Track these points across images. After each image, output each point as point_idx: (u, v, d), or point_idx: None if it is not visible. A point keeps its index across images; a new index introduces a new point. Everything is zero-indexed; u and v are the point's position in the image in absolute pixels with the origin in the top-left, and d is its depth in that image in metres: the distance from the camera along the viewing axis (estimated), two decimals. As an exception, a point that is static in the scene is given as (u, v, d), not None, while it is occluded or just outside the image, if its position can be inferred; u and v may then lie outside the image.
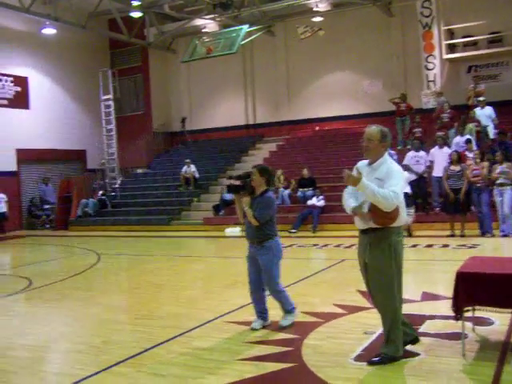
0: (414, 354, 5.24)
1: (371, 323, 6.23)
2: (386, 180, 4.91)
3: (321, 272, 9.88)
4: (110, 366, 5.45)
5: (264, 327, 6.43)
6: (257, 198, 6.32)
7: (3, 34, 21.77)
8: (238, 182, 6.54)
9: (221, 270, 11.37)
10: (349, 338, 5.91)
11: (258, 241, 6.28)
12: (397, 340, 5.07)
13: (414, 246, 12.54)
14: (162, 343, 6.10)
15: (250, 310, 7.33)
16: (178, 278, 10.52)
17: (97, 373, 5.30)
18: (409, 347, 5.31)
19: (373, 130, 5.10)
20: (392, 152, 15.95)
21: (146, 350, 5.88)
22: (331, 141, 21.53)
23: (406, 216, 5.19)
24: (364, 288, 8.26)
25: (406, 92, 20.01)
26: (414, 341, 5.35)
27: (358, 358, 5.24)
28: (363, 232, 5.18)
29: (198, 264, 12.59)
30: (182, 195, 21.25)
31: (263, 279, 6.36)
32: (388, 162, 5.07)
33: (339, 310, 7.02)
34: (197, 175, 21.41)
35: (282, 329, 6.33)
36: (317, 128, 23.21)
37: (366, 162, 5.24)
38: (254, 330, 6.37)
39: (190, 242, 16.72)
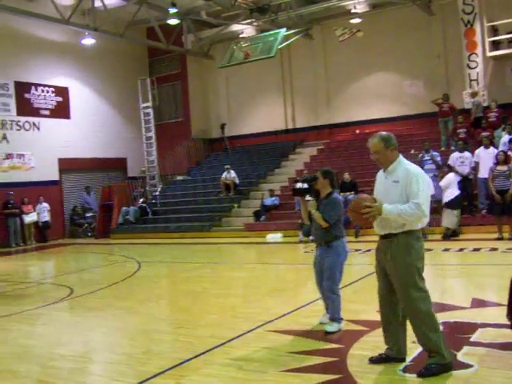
0: (466, 366, 4.95)
1: (419, 332, 5.96)
2: (404, 184, 4.78)
3: (364, 278, 9.58)
4: (149, 378, 5.30)
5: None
6: (322, 200, 6.46)
7: (44, 45, 22.08)
8: (304, 185, 6.60)
9: (261, 277, 11.19)
10: (396, 347, 5.64)
11: (326, 242, 6.38)
12: (437, 348, 4.80)
13: (461, 249, 12.15)
14: (201, 354, 5.93)
15: (292, 319, 7.16)
16: (218, 285, 10.36)
17: (136, 385, 5.17)
18: (461, 358, 5.03)
19: (374, 141, 4.96)
20: (435, 153, 15.59)
21: (185, 361, 5.72)
22: (372, 144, 21.13)
23: (426, 219, 4.90)
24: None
25: (448, 92, 19.54)
26: (401, 360, 5.12)
27: (407, 370, 4.97)
28: (383, 237, 5.00)
29: (239, 271, 12.42)
30: (223, 201, 21.15)
31: (325, 279, 6.40)
32: (403, 163, 4.93)
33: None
34: (237, 181, 21.29)
35: (326, 334, 6.23)
36: (357, 131, 22.86)
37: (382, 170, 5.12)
38: (322, 324, 6.46)
39: (231, 249, 16.59)
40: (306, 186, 6.60)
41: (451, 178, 13.91)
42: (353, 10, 20.46)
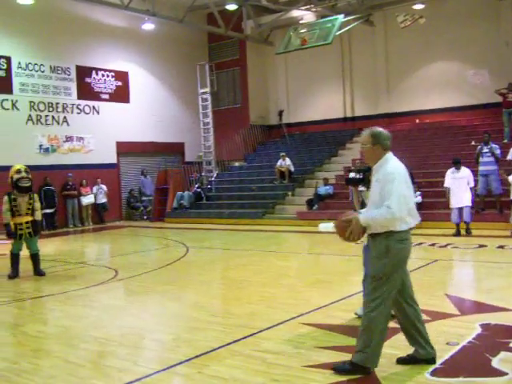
0: (500, 373, 4.67)
1: (456, 333, 5.72)
2: (382, 183, 4.68)
3: (410, 272, 9.28)
4: (173, 366, 5.27)
5: None
6: None
7: (104, 30, 22.41)
8: (358, 175, 6.56)
9: (308, 268, 11.04)
10: (430, 348, 5.40)
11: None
12: (367, 349, 4.69)
13: (501, 247, 11.68)
14: (230, 343, 5.86)
15: (328, 311, 7.01)
16: (262, 274, 10.25)
17: (157, 372, 5.13)
18: (496, 365, 4.76)
19: (363, 135, 4.92)
20: (495, 145, 14.99)
21: (212, 350, 5.65)
22: (432, 134, 20.57)
23: (412, 219, 4.76)
24: (452, 292, 7.77)
25: (514, 82, 18.75)
26: (429, 361, 4.91)
27: (436, 373, 4.74)
28: (370, 236, 4.92)
29: (287, 260, 12.30)
30: (277, 189, 21.03)
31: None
32: (389, 162, 4.78)
33: (423, 316, 6.48)
34: (292, 169, 21.12)
35: (359, 317, 6.12)
36: (417, 121, 22.27)
37: None
38: (359, 317, 6.25)
39: (282, 237, 16.47)
40: (360, 175, 6.53)
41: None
42: (416, -4, 19.84)
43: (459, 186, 13.39)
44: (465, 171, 13.51)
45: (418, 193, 16.01)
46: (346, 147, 22.67)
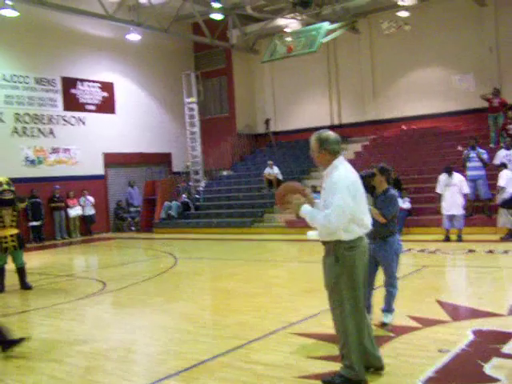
0: (493, 380, 4.62)
1: (448, 340, 5.67)
2: (327, 193, 4.59)
3: (399, 279, 9.23)
4: (162, 379, 5.18)
5: None
6: (379, 196, 6.55)
7: (90, 41, 22.31)
8: None
9: (298, 276, 10.95)
10: (421, 356, 5.34)
11: (381, 237, 6.40)
12: (351, 362, 4.63)
13: (506, 251, 11.65)
14: (219, 355, 5.77)
15: (319, 321, 6.93)
16: (252, 283, 10.16)
17: (145, 387, 5.04)
18: (489, 371, 4.70)
19: (311, 139, 4.81)
20: (482, 150, 15.02)
21: (201, 363, 5.56)
22: (419, 140, 20.59)
23: (358, 228, 4.68)
24: (444, 299, 7.72)
25: (499, 87, 18.84)
26: (378, 369, 4.93)
27: (429, 381, 4.68)
28: (322, 243, 4.84)
29: (276, 269, 12.21)
30: (265, 197, 20.96)
31: (384, 274, 6.50)
32: (337, 169, 4.65)
33: (413, 323, 6.44)
34: (280, 177, 21.06)
35: (384, 325, 6.36)
36: (403, 127, 22.30)
37: None
38: None
39: (271, 246, 16.38)
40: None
41: (509, 176, 13.38)
42: (400, 3, 19.87)
43: (452, 192, 13.36)
44: (458, 177, 13.49)
45: (407, 199, 15.99)
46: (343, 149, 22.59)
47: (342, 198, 4.47)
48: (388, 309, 6.54)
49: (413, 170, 18.53)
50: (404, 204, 15.91)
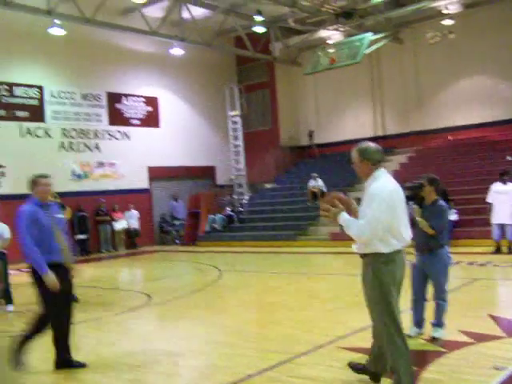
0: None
1: (504, 356, 5.45)
2: (365, 203, 4.50)
3: (449, 293, 8.98)
4: (207, 394, 5.11)
5: (419, 335, 6.39)
6: (428, 207, 6.42)
7: (134, 57, 22.64)
8: (407, 193, 6.42)
9: (343, 289, 10.77)
10: (475, 373, 5.13)
11: (429, 249, 6.30)
12: (402, 376, 4.51)
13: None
14: (266, 370, 5.66)
15: (366, 335, 6.72)
16: (297, 296, 10.05)
17: (191, 401, 4.97)
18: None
19: (352, 152, 4.77)
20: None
21: (248, 377, 5.47)
22: (466, 150, 20.20)
23: (396, 241, 4.57)
24: (497, 313, 7.46)
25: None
26: (376, 378, 4.93)
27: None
28: (360, 257, 4.76)
29: (321, 282, 12.05)
30: (309, 210, 20.81)
31: (434, 287, 6.37)
32: (377, 180, 4.59)
33: (465, 339, 6.22)
34: (324, 189, 20.89)
35: (434, 339, 6.21)
36: (450, 137, 21.91)
37: None
38: (409, 337, 6.07)
39: (316, 259, 16.22)
40: (408, 193, 6.44)
41: None
42: (444, 11, 19.60)
43: (503, 201, 12.96)
44: (511, 186, 13.11)
45: (454, 210, 15.64)
46: (385, 160, 22.33)
47: (377, 208, 4.40)
48: (438, 323, 6.36)
49: (460, 181, 18.14)
50: (451, 216, 15.58)
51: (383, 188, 4.51)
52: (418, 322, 6.52)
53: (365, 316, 7.71)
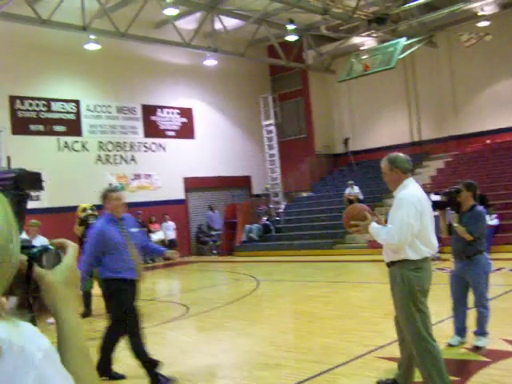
0: None
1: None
2: (394, 209, 4.61)
3: (491, 300, 8.78)
4: (245, 406, 5.06)
5: (461, 344, 6.29)
6: (465, 212, 6.32)
7: (168, 69, 22.84)
8: (443, 198, 6.52)
9: (381, 298, 10.56)
10: (520, 383, 5.00)
11: (467, 256, 6.21)
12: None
13: None
14: (305, 380, 5.61)
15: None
16: (334, 306, 9.94)
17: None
18: None
19: (382, 163, 4.91)
20: None
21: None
22: (504, 154, 19.82)
23: (425, 248, 4.62)
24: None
25: None
26: None
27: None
28: (387, 266, 4.85)
29: (358, 291, 11.92)
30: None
31: (474, 294, 6.26)
32: (406, 187, 4.69)
33: (510, 348, 6.05)
34: (361, 197, 20.71)
35: (477, 348, 6.04)
36: (488, 141, 21.53)
37: None
38: (450, 346, 6.21)
39: (353, 267, 16.06)
40: (445, 198, 6.47)
41: None
42: (480, 13, 19.30)
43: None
44: None
45: (494, 215, 15.36)
46: (415, 172, 22.06)
47: (406, 213, 4.47)
48: (481, 331, 6.23)
49: (499, 185, 17.81)
50: (491, 221, 15.28)
51: (412, 194, 4.61)
52: (460, 331, 6.39)
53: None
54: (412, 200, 4.54)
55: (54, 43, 19.22)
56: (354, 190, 20.72)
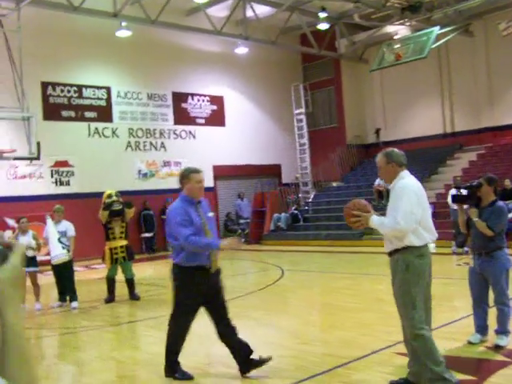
0: None
1: None
2: (394, 198, 4.80)
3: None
4: (257, 399, 5.02)
5: (482, 342, 6.18)
6: (486, 207, 6.20)
7: (199, 56, 22.80)
8: (463, 192, 6.41)
9: (406, 291, 10.47)
10: (540, 385, 4.85)
11: (487, 252, 6.10)
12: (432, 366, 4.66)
13: None
14: (318, 374, 5.55)
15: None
16: (359, 298, 9.84)
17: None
18: None
19: (378, 157, 5.10)
20: None
21: (299, 382, 5.35)
22: (540, 147, 19.35)
23: (427, 234, 4.83)
24: None
25: None
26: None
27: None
28: (389, 255, 5.00)
29: (383, 283, 11.67)
30: (376, 209, 20.37)
31: (493, 291, 6.16)
32: (403, 179, 4.90)
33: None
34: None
35: (497, 347, 5.90)
36: (523, 134, 21.04)
37: None
38: (470, 343, 6.14)
39: (380, 259, 15.71)
40: (465, 192, 6.36)
41: None
42: (519, 1, 18.80)
43: None
44: None
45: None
46: (446, 164, 21.75)
47: (409, 202, 4.67)
48: (503, 330, 6.07)
49: (534, 178, 17.38)
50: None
51: (412, 183, 4.86)
52: (481, 329, 6.25)
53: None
54: (413, 189, 4.78)
55: (86, 30, 19.33)
56: (383, 181, 20.43)
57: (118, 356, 6.87)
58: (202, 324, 8.69)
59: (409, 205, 4.66)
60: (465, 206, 6.40)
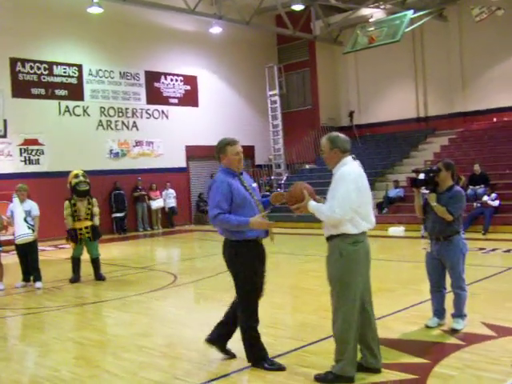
0: None
1: (525, 352, 5.18)
2: (334, 185, 4.76)
3: (479, 281, 8.66)
4: (211, 381, 5.04)
5: (439, 326, 6.25)
6: (444, 192, 6.20)
7: (172, 35, 22.56)
8: (420, 176, 6.36)
9: (373, 275, 10.53)
10: (491, 369, 4.88)
11: (445, 236, 6.13)
12: (343, 358, 4.76)
13: None
14: (276, 357, 5.56)
15: (386, 323, 6.55)
16: (323, 281, 9.82)
17: (193, 388, 4.89)
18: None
19: (322, 141, 5.01)
20: None
21: (250, 365, 5.35)
22: (511, 133, 19.51)
23: (365, 223, 4.84)
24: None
25: None
26: (375, 371, 4.93)
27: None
28: (326, 240, 5.00)
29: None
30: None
31: (450, 276, 6.21)
32: (345, 165, 4.82)
33: (487, 332, 5.96)
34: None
35: (454, 331, 5.96)
36: (494, 119, 21.21)
37: None
38: (428, 327, 6.20)
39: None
40: (422, 176, 6.32)
41: None
42: (492, -13, 18.88)
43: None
44: None
45: (494, 195, 15.17)
46: (418, 148, 21.87)
47: (347, 189, 4.63)
48: (458, 314, 6.15)
49: (503, 164, 17.57)
50: (493, 202, 15.08)
51: (351, 171, 4.76)
52: (438, 313, 6.32)
53: (388, 303, 7.57)
54: (352, 177, 4.71)
55: (57, 6, 19.01)
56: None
57: (76, 337, 6.82)
58: (168, 303, 8.69)
59: (346, 193, 4.63)
60: (423, 190, 6.39)
